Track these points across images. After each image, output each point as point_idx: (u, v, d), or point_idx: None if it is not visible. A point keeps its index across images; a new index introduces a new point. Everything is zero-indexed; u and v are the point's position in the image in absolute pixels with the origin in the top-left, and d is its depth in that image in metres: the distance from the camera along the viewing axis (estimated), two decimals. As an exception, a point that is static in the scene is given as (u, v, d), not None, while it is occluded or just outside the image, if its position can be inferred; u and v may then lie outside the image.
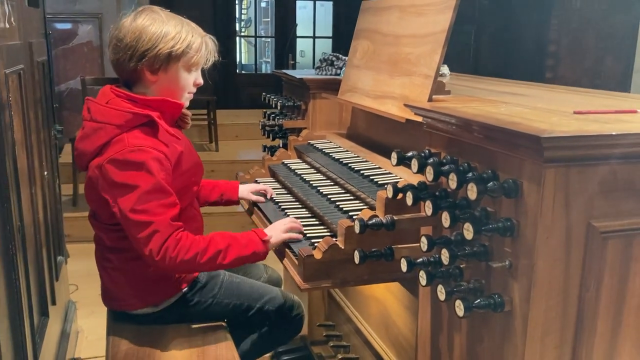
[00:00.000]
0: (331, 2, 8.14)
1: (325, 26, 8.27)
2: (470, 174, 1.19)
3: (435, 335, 1.46)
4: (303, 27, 8.14)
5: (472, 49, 5.11)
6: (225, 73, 7.31)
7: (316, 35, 8.14)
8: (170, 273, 1.68)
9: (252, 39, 8.43)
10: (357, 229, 1.41)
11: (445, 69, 2.62)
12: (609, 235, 1.12)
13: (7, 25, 1.76)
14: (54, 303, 2.40)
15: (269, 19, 8.73)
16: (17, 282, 1.63)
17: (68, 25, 6.03)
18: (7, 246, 1.58)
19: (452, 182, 1.19)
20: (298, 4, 8.01)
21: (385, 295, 1.98)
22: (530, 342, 1.13)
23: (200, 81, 1.75)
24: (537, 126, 1.09)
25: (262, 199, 2.00)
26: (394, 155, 1.39)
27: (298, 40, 8.05)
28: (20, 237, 1.74)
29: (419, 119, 1.45)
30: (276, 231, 1.66)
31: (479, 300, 1.17)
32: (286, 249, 1.64)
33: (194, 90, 1.75)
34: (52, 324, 2.30)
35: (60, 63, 6.02)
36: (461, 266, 1.28)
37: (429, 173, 1.26)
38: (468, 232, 1.15)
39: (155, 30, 1.62)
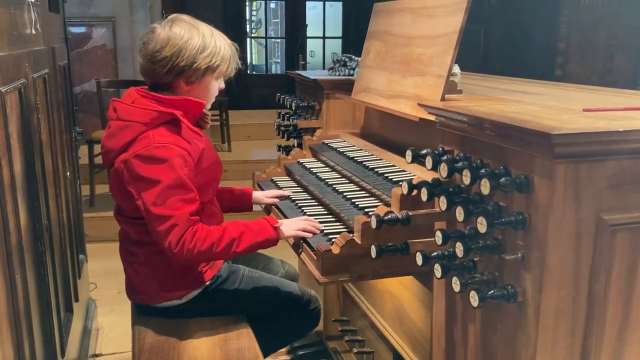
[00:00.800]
0: (340, 3, 8.19)
1: (335, 26, 8.33)
2: (483, 170, 1.24)
3: (449, 327, 1.51)
4: (313, 27, 8.20)
5: (482, 47, 5.14)
6: (237, 74, 7.37)
7: (326, 35, 8.20)
8: (189, 264, 1.74)
9: (263, 40, 8.50)
10: (373, 225, 1.47)
11: (456, 69, 2.66)
12: (618, 228, 1.17)
13: (34, 32, 1.83)
14: (77, 300, 2.47)
15: (279, 20, 8.80)
16: (46, 279, 1.70)
17: (82, 29, 6.13)
18: (37, 244, 1.65)
19: (466, 178, 1.24)
20: (308, 4, 8.07)
21: (400, 290, 2.03)
22: (542, 331, 1.18)
23: (223, 86, 1.85)
24: (547, 124, 1.14)
25: (276, 200, 2.05)
26: (408, 153, 1.44)
27: (308, 40, 8.11)
28: (48, 236, 1.81)
29: (432, 117, 1.50)
30: (289, 222, 1.73)
31: (492, 291, 1.21)
32: (303, 244, 1.70)
33: (217, 94, 1.85)
34: (75, 320, 2.37)
35: (75, 66, 6.10)
36: (475, 259, 1.33)
37: (443, 170, 1.31)
38: (482, 225, 1.20)
39: (194, 45, 1.68)
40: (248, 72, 7.86)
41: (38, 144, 1.76)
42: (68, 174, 2.43)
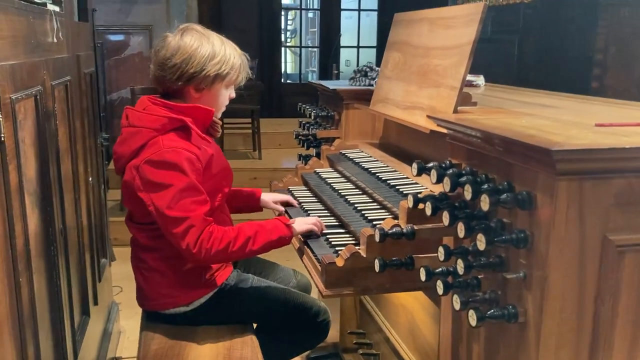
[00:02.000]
0: (376, 12, 8.17)
1: (371, 36, 8.31)
2: (485, 186, 1.20)
3: (455, 344, 1.47)
4: (349, 36, 8.20)
5: (516, 58, 5.04)
6: (270, 83, 7.44)
7: (360, 45, 8.19)
8: (207, 264, 1.76)
9: (297, 49, 8.55)
10: (377, 238, 1.44)
11: (480, 80, 2.62)
12: (626, 249, 1.11)
13: (55, 40, 1.88)
14: (96, 303, 2.51)
15: (316, 29, 8.83)
16: (58, 282, 1.73)
17: (120, 37, 6.28)
18: (49, 247, 1.68)
19: (468, 193, 1.21)
20: (344, 14, 8.09)
21: (413, 304, 2.00)
22: (543, 353, 1.13)
23: (234, 95, 1.86)
24: (551, 139, 1.10)
25: (281, 208, 2.06)
26: (414, 165, 1.41)
27: (344, 50, 8.12)
28: (62, 240, 1.85)
29: (443, 130, 1.47)
30: (299, 220, 1.78)
31: (492, 310, 1.18)
32: (306, 248, 1.70)
33: (227, 103, 1.86)
34: (93, 323, 2.41)
35: (112, 73, 6.27)
36: (479, 277, 1.29)
37: (446, 184, 1.28)
38: (481, 242, 1.16)
39: (204, 53, 1.72)
40: (282, 80, 7.91)
41: (54, 150, 1.79)
42: (90, 179, 2.48)
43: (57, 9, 2.00)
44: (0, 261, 1.23)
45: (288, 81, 8.49)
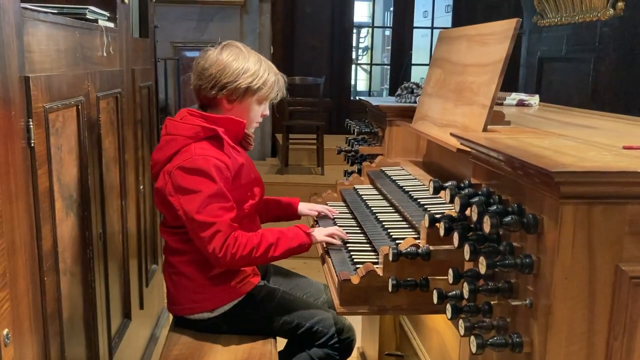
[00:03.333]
0: (450, 30, 8.06)
1: (444, 54, 8.19)
2: (495, 207, 1.15)
3: (471, 373, 1.40)
4: (423, 54, 8.13)
5: (591, 78, 4.81)
6: (339, 99, 7.50)
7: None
8: (232, 268, 1.81)
9: (368, 67, 8.57)
10: (390, 257, 1.41)
11: (534, 99, 2.53)
12: (643, 281, 1.03)
13: (105, 54, 1.98)
14: (141, 307, 2.60)
15: (390, 47, 8.83)
16: (93, 284, 1.81)
17: (196, 54, 6.51)
18: (85, 251, 1.76)
19: (474, 214, 1.16)
20: (417, 32, 8.03)
21: (444, 329, 1.93)
22: (548, 389, 1.06)
23: (267, 112, 1.91)
24: (560, 160, 1.04)
25: (315, 213, 2.12)
26: (430, 184, 1.38)
27: (416, 67, 8.05)
28: (101, 244, 1.93)
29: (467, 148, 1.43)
30: (320, 229, 1.87)
31: (495, 338, 1.12)
32: (327, 257, 1.74)
33: (261, 120, 1.93)
34: (137, 327, 2.50)
35: (187, 88, 6.53)
36: (492, 302, 1.24)
37: (457, 204, 1.24)
38: (482, 266, 1.11)
39: (238, 66, 1.81)
40: (351, 98, 7.94)
41: (97, 158, 1.88)
42: (142, 187, 2.58)
43: (111, 25, 2.12)
44: (24, 260, 1.31)
45: (357, 98, 8.51)
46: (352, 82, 8.19)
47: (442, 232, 1.31)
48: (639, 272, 1.03)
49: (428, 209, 1.71)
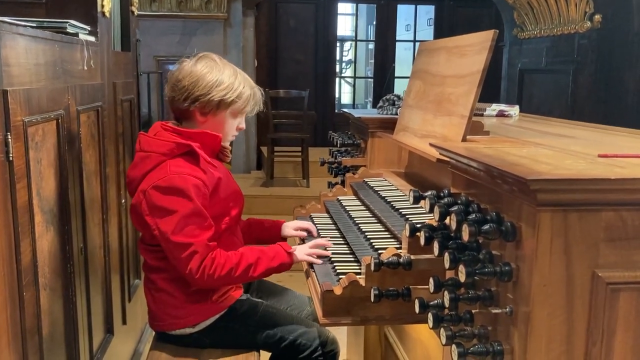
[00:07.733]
0: (432, 43, 8.15)
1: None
2: (473, 216, 1.16)
3: (454, 382, 1.40)
4: (406, 67, 8.20)
5: (570, 89, 4.88)
6: (324, 112, 7.53)
7: (415, 75, 8.15)
8: (210, 288, 1.79)
9: (352, 80, 8.63)
10: (371, 267, 1.42)
11: (514, 110, 2.57)
12: (620, 287, 1.05)
13: (86, 68, 1.98)
14: (124, 323, 2.57)
15: (373, 61, 8.90)
16: (74, 298, 1.79)
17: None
18: (66, 265, 1.75)
19: (453, 222, 1.17)
20: (401, 45, 8.11)
21: (428, 339, 1.94)
22: (530, 396, 1.07)
23: (243, 126, 1.89)
24: (535, 168, 1.06)
25: (304, 234, 2.04)
26: (410, 194, 1.39)
27: (399, 80, 8.12)
28: (82, 258, 1.91)
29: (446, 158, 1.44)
30: (302, 247, 1.82)
31: (476, 346, 1.13)
32: (311, 271, 1.72)
33: (237, 133, 1.91)
34: (120, 342, 2.47)
35: (171, 101, 6.52)
36: (473, 311, 1.24)
37: (436, 213, 1.25)
38: (462, 274, 1.12)
39: (212, 78, 1.78)
40: (335, 110, 7.98)
41: (77, 171, 1.87)
42: (124, 201, 2.57)
43: (92, 38, 2.11)
44: (2, 275, 1.29)
45: (342, 110, 8.57)
46: (337, 95, 8.24)
47: (422, 242, 1.31)
48: (615, 278, 1.04)
49: (409, 219, 1.71)
